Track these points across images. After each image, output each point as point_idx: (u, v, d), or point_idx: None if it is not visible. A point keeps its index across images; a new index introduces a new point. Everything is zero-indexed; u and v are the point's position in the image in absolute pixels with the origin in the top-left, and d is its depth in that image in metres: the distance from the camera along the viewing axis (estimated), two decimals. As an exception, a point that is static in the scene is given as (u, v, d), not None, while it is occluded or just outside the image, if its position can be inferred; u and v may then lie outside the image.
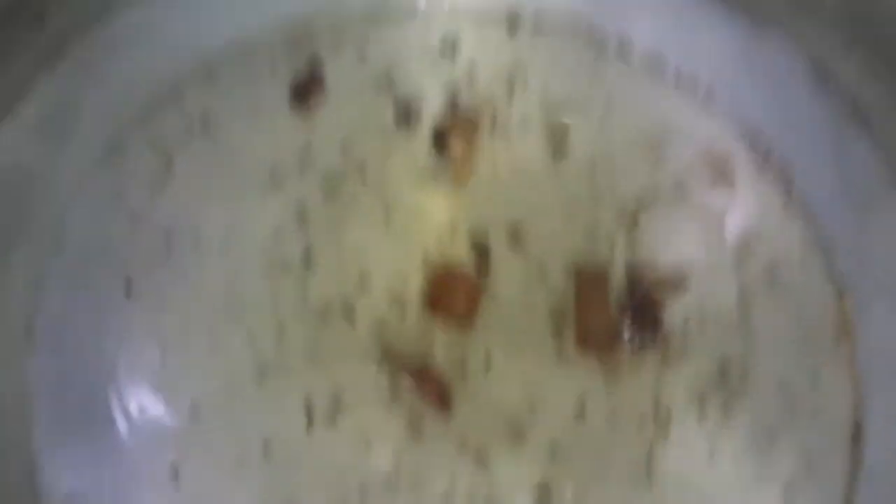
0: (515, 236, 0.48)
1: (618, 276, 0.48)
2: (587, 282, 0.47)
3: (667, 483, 0.46)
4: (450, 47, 0.50)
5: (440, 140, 0.49)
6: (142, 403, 0.47)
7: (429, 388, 0.47)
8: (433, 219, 0.48)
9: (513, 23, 0.50)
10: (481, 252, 0.48)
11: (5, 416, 0.46)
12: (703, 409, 0.47)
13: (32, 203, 0.47)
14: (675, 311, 0.47)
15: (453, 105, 0.49)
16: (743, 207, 0.48)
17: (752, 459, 0.46)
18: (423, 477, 0.46)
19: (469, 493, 0.46)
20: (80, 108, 0.48)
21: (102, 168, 0.48)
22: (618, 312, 0.47)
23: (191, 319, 0.47)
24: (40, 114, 0.47)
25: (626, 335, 0.47)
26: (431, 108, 0.49)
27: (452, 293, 0.47)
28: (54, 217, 0.48)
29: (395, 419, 0.47)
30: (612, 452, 0.46)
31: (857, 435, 0.47)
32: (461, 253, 0.48)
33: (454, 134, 0.49)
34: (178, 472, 0.46)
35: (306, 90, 0.49)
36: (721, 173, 0.48)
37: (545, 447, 0.46)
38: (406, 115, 0.49)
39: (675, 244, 0.48)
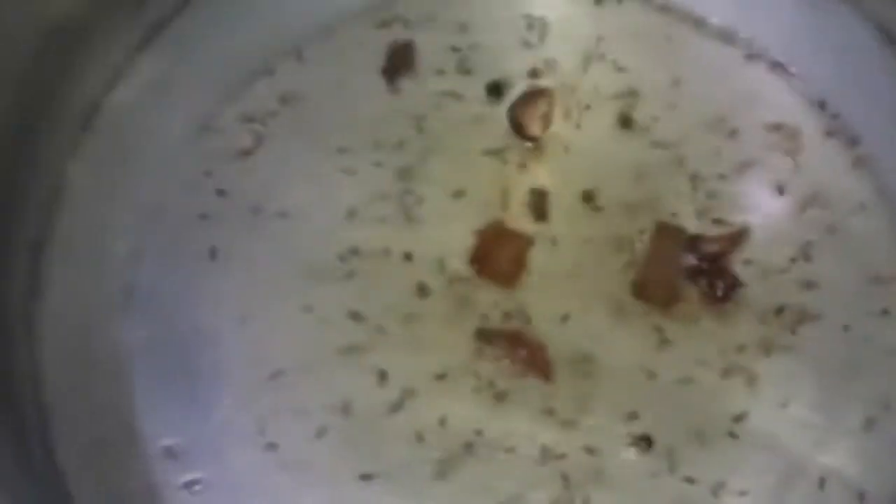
0: (588, 199, 0.50)
1: (687, 235, 0.49)
2: (664, 234, 0.49)
3: (749, 435, 0.47)
4: (536, 22, 0.52)
5: (518, 117, 0.51)
6: (229, 364, 0.49)
7: (526, 356, 0.48)
8: (507, 192, 0.50)
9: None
10: (541, 212, 0.50)
11: (107, 377, 0.48)
12: (770, 358, 0.48)
13: (131, 175, 0.50)
14: (740, 265, 0.49)
15: (532, 82, 0.51)
16: (809, 170, 0.50)
17: (825, 404, 0.48)
18: (508, 440, 0.47)
19: (561, 451, 0.47)
20: (174, 85, 0.51)
21: (195, 144, 0.51)
22: (683, 269, 0.49)
23: (275, 288, 0.49)
24: (139, 90, 0.50)
25: (698, 288, 0.49)
26: (513, 85, 0.51)
27: (498, 251, 0.49)
28: (151, 190, 0.50)
29: (479, 390, 0.48)
30: (690, 410, 0.48)
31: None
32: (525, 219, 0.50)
33: (531, 110, 0.51)
34: (264, 429, 0.48)
35: (397, 66, 0.52)
36: (790, 142, 0.50)
37: (624, 409, 0.48)
38: (496, 90, 0.51)
39: (743, 205, 0.49)
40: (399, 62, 0.52)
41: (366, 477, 0.47)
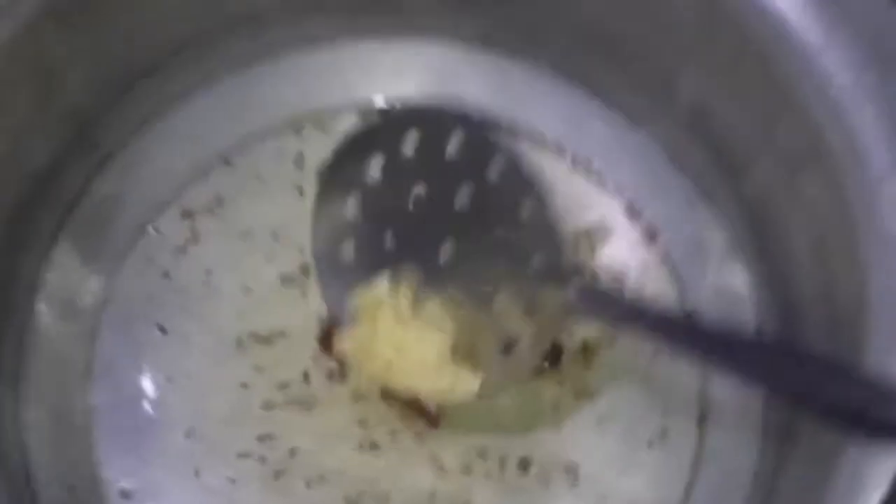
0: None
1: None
2: None
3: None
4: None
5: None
6: (168, 420, 0.60)
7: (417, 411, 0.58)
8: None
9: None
10: None
11: (74, 436, 0.59)
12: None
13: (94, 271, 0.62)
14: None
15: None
16: (617, 257, 0.62)
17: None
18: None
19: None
20: (124, 195, 0.63)
21: (142, 237, 0.63)
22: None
23: (203, 357, 0.61)
24: (94, 203, 0.62)
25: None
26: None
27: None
28: (108, 278, 0.62)
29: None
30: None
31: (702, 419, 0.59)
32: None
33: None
34: (199, 473, 0.59)
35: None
36: (598, 240, 0.62)
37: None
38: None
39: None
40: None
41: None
